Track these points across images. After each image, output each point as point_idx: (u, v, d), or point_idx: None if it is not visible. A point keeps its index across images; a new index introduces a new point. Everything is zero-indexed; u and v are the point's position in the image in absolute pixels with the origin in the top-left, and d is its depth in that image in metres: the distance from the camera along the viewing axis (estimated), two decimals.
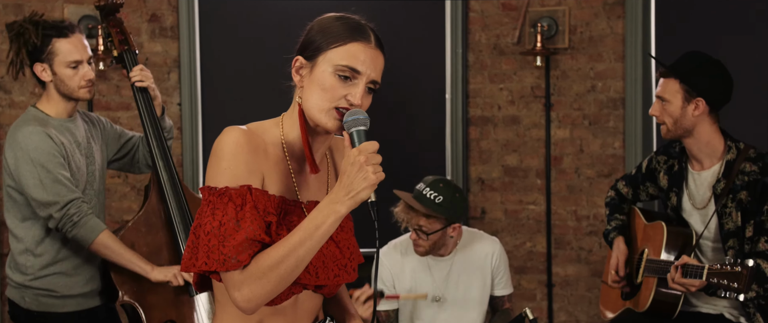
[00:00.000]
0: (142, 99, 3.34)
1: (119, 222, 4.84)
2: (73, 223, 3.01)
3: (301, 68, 1.91)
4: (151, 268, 3.12)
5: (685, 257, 3.09)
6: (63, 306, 3.14)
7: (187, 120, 4.98)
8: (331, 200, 1.77)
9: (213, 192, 1.79)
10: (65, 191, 3.01)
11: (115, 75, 4.87)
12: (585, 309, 4.92)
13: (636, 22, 4.65)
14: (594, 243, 4.86)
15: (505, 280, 3.67)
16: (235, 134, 1.81)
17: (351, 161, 1.76)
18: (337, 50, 1.86)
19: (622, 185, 3.63)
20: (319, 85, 1.85)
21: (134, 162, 3.44)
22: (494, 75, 4.93)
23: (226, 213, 1.76)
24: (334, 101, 1.84)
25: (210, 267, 1.76)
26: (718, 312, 3.28)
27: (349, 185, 1.75)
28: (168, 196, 3.26)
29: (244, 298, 1.76)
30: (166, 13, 4.96)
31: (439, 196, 3.43)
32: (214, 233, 1.76)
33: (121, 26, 3.39)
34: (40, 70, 3.11)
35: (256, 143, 1.84)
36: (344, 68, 1.84)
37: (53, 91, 3.14)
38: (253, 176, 1.81)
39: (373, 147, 1.77)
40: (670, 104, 3.19)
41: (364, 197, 1.75)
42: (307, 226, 1.76)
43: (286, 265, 1.75)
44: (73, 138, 3.14)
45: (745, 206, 3.14)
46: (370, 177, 1.74)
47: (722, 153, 3.23)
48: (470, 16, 4.91)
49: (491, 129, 4.96)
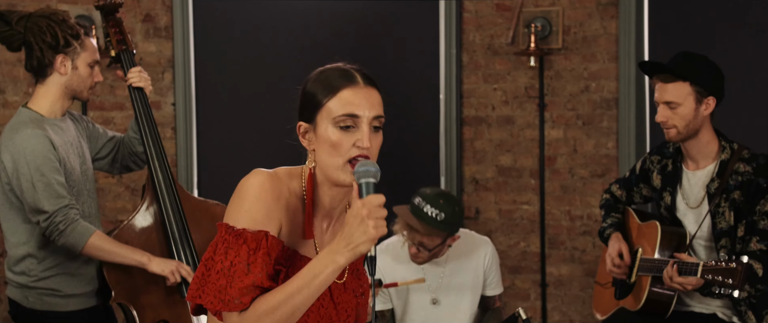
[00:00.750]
0: (139, 99, 3.33)
1: (114, 222, 4.83)
2: (60, 232, 2.98)
3: (306, 133, 1.91)
4: (149, 259, 3.10)
5: (682, 254, 3.09)
6: (66, 305, 3.13)
7: (181, 120, 4.98)
8: (331, 250, 1.77)
9: (230, 231, 1.80)
10: (54, 199, 2.97)
11: (109, 75, 4.86)
12: (579, 309, 4.93)
13: (629, 22, 4.66)
14: (588, 242, 4.87)
15: (497, 280, 3.69)
16: (261, 178, 1.83)
17: (354, 213, 1.75)
18: (331, 103, 1.85)
19: (616, 188, 3.64)
20: (327, 143, 1.85)
21: (114, 163, 3.40)
22: (488, 75, 4.94)
23: (238, 254, 1.78)
24: (344, 154, 1.84)
25: (215, 307, 1.79)
26: (711, 312, 3.29)
27: (350, 237, 1.75)
28: (163, 196, 3.26)
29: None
30: (161, 13, 4.96)
31: (440, 213, 3.38)
32: (224, 273, 1.78)
33: (120, 26, 3.38)
34: (60, 62, 3.07)
35: (279, 190, 1.85)
36: (343, 118, 1.84)
37: (56, 87, 3.10)
38: (271, 223, 1.82)
39: (378, 201, 1.76)
40: (683, 107, 3.15)
41: (363, 250, 1.75)
42: (305, 274, 1.77)
43: (282, 311, 1.77)
44: (66, 138, 3.12)
45: (738, 205, 3.15)
46: (370, 232, 1.73)
47: (717, 153, 3.24)
48: (464, 16, 4.92)
49: (485, 129, 4.97)
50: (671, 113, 3.17)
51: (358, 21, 4.98)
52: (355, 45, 4.95)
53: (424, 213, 3.39)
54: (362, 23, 5.00)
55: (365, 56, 4.95)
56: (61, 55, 3.06)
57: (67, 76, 3.09)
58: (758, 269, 3.06)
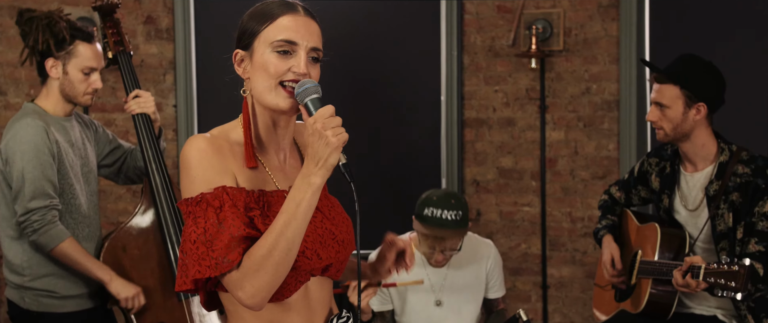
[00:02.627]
0: (141, 121, 3.31)
1: (114, 224, 4.84)
2: (33, 230, 3.00)
3: (242, 61, 1.91)
4: (110, 278, 3.11)
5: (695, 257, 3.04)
6: (63, 307, 3.14)
7: (183, 122, 4.98)
8: (304, 175, 1.76)
9: (190, 202, 1.78)
10: (39, 196, 2.99)
11: (111, 77, 4.87)
12: (579, 311, 4.93)
13: (630, 24, 4.66)
14: (589, 244, 4.87)
15: (499, 283, 3.68)
16: (196, 142, 1.81)
17: (310, 131, 1.75)
18: (269, 29, 1.85)
19: (615, 190, 3.64)
20: (262, 68, 1.85)
21: (119, 173, 3.42)
22: (489, 77, 4.93)
23: (207, 219, 1.75)
24: (278, 76, 1.83)
25: (203, 274, 1.75)
26: (712, 314, 3.29)
27: (315, 155, 1.74)
28: (160, 200, 3.26)
29: (248, 295, 1.74)
30: (162, 15, 4.96)
31: (458, 212, 3.39)
32: (200, 241, 1.75)
33: (117, 27, 3.38)
34: (51, 65, 3.10)
35: (219, 145, 1.83)
36: (280, 43, 1.84)
37: (55, 89, 3.13)
38: (224, 176, 1.80)
39: (327, 111, 1.75)
40: (671, 110, 3.17)
41: (333, 162, 1.74)
42: (288, 207, 1.75)
43: (278, 251, 1.73)
44: (68, 137, 3.14)
45: (736, 207, 3.14)
46: (331, 141, 1.73)
47: (715, 155, 3.23)
48: (465, 18, 4.92)
49: (486, 131, 4.96)
50: (661, 113, 3.19)
51: (359, 23, 4.98)
52: (356, 47, 4.95)
53: (446, 220, 3.38)
54: (363, 25, 5.00)
55: (366, 58, 4.96)
56: (52, 58, 3.10)
57: (58, 80, 3.12)
58: (759, 269, 3.06)
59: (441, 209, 3.39)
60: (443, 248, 3.44)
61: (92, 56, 3.14)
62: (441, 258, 3.48)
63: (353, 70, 4.93)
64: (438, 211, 3.39)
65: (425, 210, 3.41)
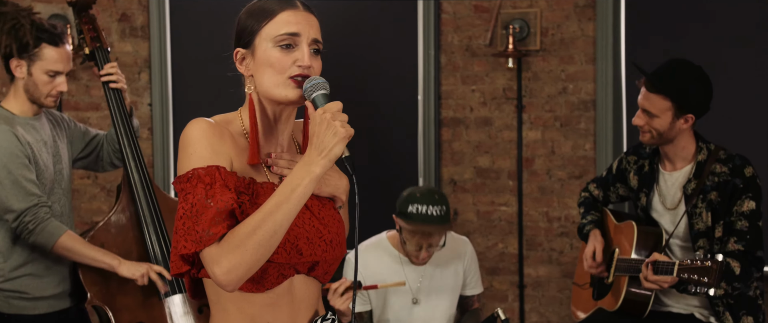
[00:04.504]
0: (114, 97, 3.30)
1: (89, 223, 4.79)
2: (30, 231, 2.96)
3: (244, 59, 1.91)
4: (119, 263, 3.08)
5: (656, 254, 3.11)
6: (34, 308, 3.09)
7: (158, 121, 4.94)
8: (306, 162, 1.75)
9: (182, 179, 1.77)
10: (23, 196, 2.95)
11: (84, 75, 4.82)
12: (556, 310, 4.94)
13: (607, 24, 4.68)
14: (565, 244, 4.88)
15: (476, 280, 3.68)
16: (199, 123, 1.81)
17: (318, 121, 1.75)
18: (270, 25, 1.86)
19: (594, 187, 3.65)
20: (266, 64, 1.85)
21: (99, 161, 3.40)
22: (466, 77, 4.94)
23: (195, 194, 1.74)
24: (285, 71, 1.83)
25: (188, 249, 1.73)
26: (689, 312, 3.31)
27: (320, 144, 1.74)
28: (139, 196, 3.23)
29: (223, 270, 1.71)
30: (137, 13, 4.92)
31: (442, 207, 3.39)
32: (187, 216, 1.74)
33: (93, 23, 3.35)
34: (15, 65, 3.06)
35: (221, 130, 1.83)
36: (283, 37, 1.84)
37: (21, 89, 3.10)
38: (220, 158, 1.79)
39: (337, 106, 1.76)
40: (659, 119, 3.15)
41: (337, 152, 1.74)
42: (282, 190, 1.74)
43: (263, 230, 1.71)
44: (39, 136, 3.10)
45: (715, 206, 3.17)
46: (340, 131, 1.73)
47: (693, 154, 3.25)
48: (442, 17, 4.92)
49: (463, 131, 4.96)
50: (648, 120, 3.18)
51: (336, 22, 4.97)
52: (333, 46, 4.92)
53: (431, 216, 3.37)
54: (340, 24, 4.98)
55: (343, 57, 4.94)
56: (16, 58, 3.06)
57: (23, 80, 3.08)
58: (736, 267, 3.08)
59: (426, 205, 3.38)
60: (430, 244, 3.43)
61: (58, 59, 3.08)
62: (426, 256, 3.47)
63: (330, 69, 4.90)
64: (423, 207, 3.38)
65: (409, 207, 3.40)
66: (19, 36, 3.02)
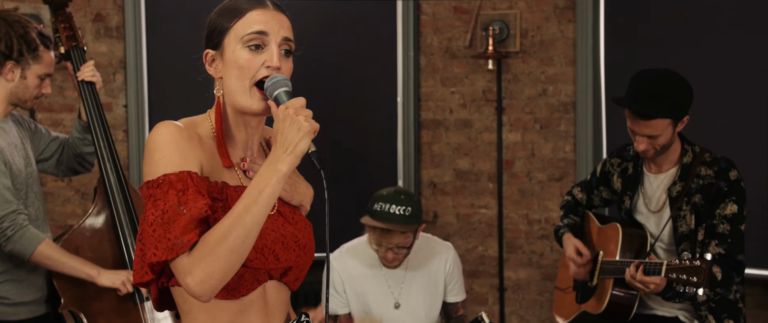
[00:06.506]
0: (90, 98, 3.23)
1: (63, 227, 4.70)
2: (7, 238, 2.88)
3: (213, 61, 1.85)
4: (98, 273, 3.02)
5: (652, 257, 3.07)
6: (15, 314, 3.01)
7: (133, 122, 4.87)
8: (271, 161, 1.69)
9: (151, 185, 1.70)
10: (0, 204, 2.88)
11: (58, 76, 4.73)
12: (537, 313, 4.92)
13: (586, 26, 4.67)
14: (545, 246, 4.86)
15: (459, 286, 3.65)
16: (167, 126, 1.74)
17: (281, 117, 1.69)
18: (238, 25, 1.80)
19: (578, 191, 3.63)
20: (235, 65, 1.79)
21: (59, 165, 3.30)
22: (446, 78, 4.91)
23: (167, 201, 1.66)
24: (252, 73, 1.77)
25: (159, 257, 1.65)
26: (673, 315, 3.29)
27: (285, 141, 1.68)
28: (114, 199, 3.16)
29: (196, 281, 1.65)
30: (112, 13, 4.84)
31: (407, 208, 3.38)
32: (158, 223, 1.66)
33: (70, 21, 3.28)
34: (9, 69, 2.99)
35: (189, 133, 1.77)
36: (251, 36, 1.78)
37: (2, 91, 3.02)
38: (190, 162, 1.72)
39: (300, 102, 1.70)
40: (663, 137, 3.11)
41: (303, 148, 1.68)
42: (250, 192, 1.68)
43: (234, 235, 1.65)
44: (9, 139, 3.02)
45: (699, 209, 3.15)
46: (304, 126, 1.67)
47: (679, 157, 3.24)
48: (422, 18, 4.89)
49: (443, 133, 4.93)
50: (652, 141, 3.13)
51: (315, 22, 4.92)
52: (311, 46, 4.88)
53: (393, 214, 3.37)
54: (319, 25, 4.94)
55: (322, 59, 4.89)
56: (12, 62, 3.00)
57: (13, 84, 3.02)
58: (717, 272, 3.07)
59: (389, 203, 3.38)
60: (390, 244, 3.40)
61: (51, 62, 3.08)
62: (391, 256, 3.44)
63: (308, 71, 4.86)
64: (386, 205, 3.38)
65: (375, 205, 3.42)
66: (28, 40, 2.99)
